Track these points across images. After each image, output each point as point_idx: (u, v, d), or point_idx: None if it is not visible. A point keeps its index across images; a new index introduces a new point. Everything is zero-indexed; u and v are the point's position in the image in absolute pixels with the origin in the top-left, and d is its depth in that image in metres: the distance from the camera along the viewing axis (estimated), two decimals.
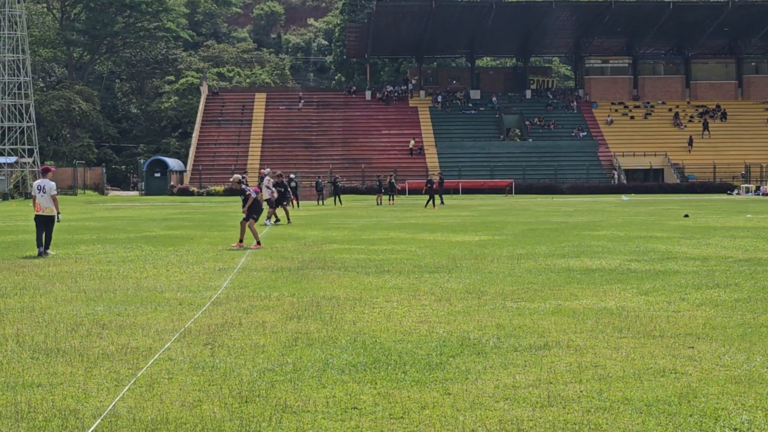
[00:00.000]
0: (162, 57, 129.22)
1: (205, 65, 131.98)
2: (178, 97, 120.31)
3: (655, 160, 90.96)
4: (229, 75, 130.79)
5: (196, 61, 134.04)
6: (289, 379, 8.36)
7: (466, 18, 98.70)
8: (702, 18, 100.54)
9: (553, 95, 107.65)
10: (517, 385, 8.01)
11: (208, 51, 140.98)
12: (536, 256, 20.01)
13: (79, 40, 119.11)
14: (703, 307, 12.41)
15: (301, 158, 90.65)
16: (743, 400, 7.45)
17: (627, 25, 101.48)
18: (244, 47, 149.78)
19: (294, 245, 24.00)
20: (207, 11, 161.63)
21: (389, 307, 12.67)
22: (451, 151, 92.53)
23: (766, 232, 27.47)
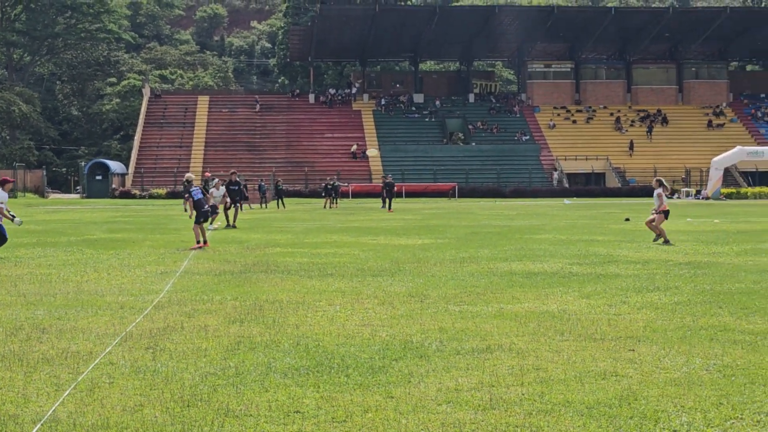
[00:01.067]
0: (103, 59, 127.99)
1: (148, 67, 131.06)
2: (120, 100, 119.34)
3: (596, 164, 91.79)
4: (171, 77, 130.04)
5: (138, 63, 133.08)
6: (231, 383, 8.31)
7: (410, 22, 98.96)
8: (643, 24, 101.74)
9: (496, 99, 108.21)
10: (460, 388, 8.03)
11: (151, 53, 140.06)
12: (479, 260, 20.09)
13: (19, 41, 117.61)
14: (644, 310, 12.53)
15: (244, 161, 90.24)
16: (682, 402, 7.53)
17: (569, 30, 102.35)
18: (186, 49, 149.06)
19: (237, 248, 23.89)
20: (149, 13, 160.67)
21: (332, 311, 12.65)
22: (394, 154, 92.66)
23: (705, 236, 27.82)
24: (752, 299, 13.52)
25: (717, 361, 9.12)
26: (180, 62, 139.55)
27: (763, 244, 24.20)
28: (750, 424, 6.96)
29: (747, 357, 9.30)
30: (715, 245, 24.05)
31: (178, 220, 41.41)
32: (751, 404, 7.46)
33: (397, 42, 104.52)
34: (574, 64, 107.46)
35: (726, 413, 7.22)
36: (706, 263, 19.07)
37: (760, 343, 10.05)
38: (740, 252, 21.80)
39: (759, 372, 8.59)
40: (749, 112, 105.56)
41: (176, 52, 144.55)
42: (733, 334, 10.64)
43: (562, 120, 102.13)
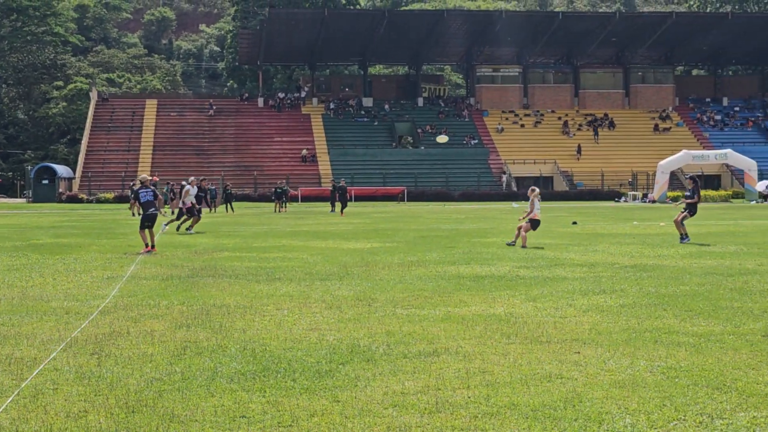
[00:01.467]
0: (50, 62, 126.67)
1: (95, 71, 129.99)
2: (67, 103, 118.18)
3: (544, 168, 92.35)
4: (119, 81, 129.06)
5: (85, 66, 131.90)
6: (177, 388, 8.27)
7: (359, 26, 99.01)
8: (590, 28, 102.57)
9: (445, 103, 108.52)
10: (406, 392, 8.04)
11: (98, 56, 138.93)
12: (427, 263, 20.14)
13: None
14: (590, 313, 12.63)
15: (192, 165, 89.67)
16: (626, 404, 7.59)
17: (517, 34, 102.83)
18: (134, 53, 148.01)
19: (184, 253, 23.75)
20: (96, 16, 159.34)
21: (279, 315, 12.62)
22: (343, 158, 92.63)
23: (651, 239, 28.09)
24: (696, 301, 13.67)
25: (661, 362, 9.22)
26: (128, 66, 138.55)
27: (707, 247, 24.49)
28: (693, 425, 7.04)
29: (690, 359, 9.41)
30: (661, 248, 24.29)
31: (125, 224, 41.10)
32: (693, 405, 7.55)
33: (346, 46, 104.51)
34: (522, 69, 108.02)
35: (669, 415, 7.29)
36: (652, 266, 19.25)
37: (704, 345, 10.16)
38: (685, 255, 22.04)
39: (702, 373, 8.69)
40: (695, 117, 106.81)
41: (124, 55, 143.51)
42: (677, 336, 10.76)
43: (511, 124, 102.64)
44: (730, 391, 8.01)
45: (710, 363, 9.19)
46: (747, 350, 9.87)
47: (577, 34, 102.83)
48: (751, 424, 7.06)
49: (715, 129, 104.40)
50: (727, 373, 8.70)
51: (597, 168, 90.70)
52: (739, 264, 19.39)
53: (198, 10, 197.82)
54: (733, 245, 24.95)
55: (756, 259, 20.53)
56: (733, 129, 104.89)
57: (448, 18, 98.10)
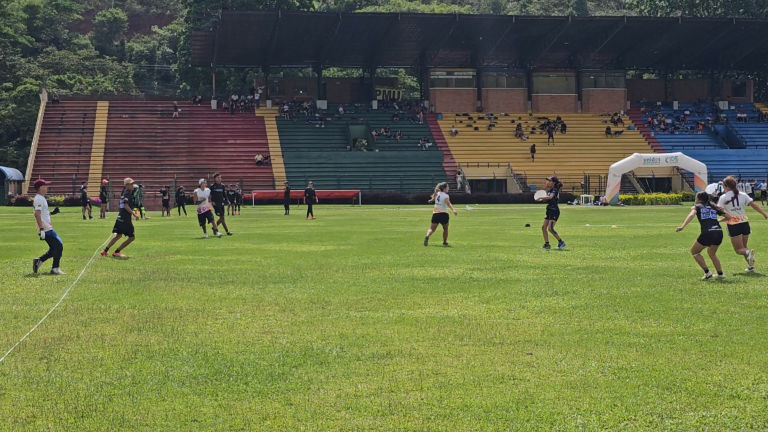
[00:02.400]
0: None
1: (45, 72, 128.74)
2: (16, 105, 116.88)
3: (498, 171, 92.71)
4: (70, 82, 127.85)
5: (35, 67, 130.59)
6: (127, 392, 8.20)
7: (313, 28, 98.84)
8: (543, 32, 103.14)
9: (399, 106, 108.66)
10: (359, 394, 8.03)
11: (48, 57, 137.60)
12: (381, 266, 20.14)
13: None
14: (542, 315, 12.69)
15: (145, 168, 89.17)
16: (578, 405, 7.63)
17: (471, 37, 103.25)
18: (85, 54, 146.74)
19: (136, 256, 23.59)
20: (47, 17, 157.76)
21: (232, 318, 12.57)
22: (297, 161, 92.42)
23: (603, 241, 28.29)
24: (647, 303, 13.79)
25: (612, 363, 9.28)
26: (79, 67, 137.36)
27: (658, 249, 24.70)
28: (643, 425, 7.09)
29: (641, 359, 9.48)
30: (613, 250, 24.47)
31: (75, 227, 40.77)
32: (644, 405, 7.60)
33: (300, 48, 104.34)
34: (475, 72, 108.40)
35: (620, 415, 7.34)
36: (604, 268, 19.39)
37: (654, 346, 10.24)
38: (636, 257, 22.21)
39: (652, 374, 8.76)
40: (646, 120, 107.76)
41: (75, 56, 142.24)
42: (628, 337, 10.83)
43: (465, 127, 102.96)
44: (679, 391, 8.07)
45: (660, 363, 9.26)
46: (696, 350, 9.96)
47: (530, 37, 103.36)
48: (701, 423, 7.13)
49: (666, 132, 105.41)
50: (677, 373, 8.77)
51: (550, 171, 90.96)
52: (689, 266, 19.57)
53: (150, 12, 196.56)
54: (684, 247, 25.17)
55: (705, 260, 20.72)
56: (683, 132, 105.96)
57: (401, 21, 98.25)
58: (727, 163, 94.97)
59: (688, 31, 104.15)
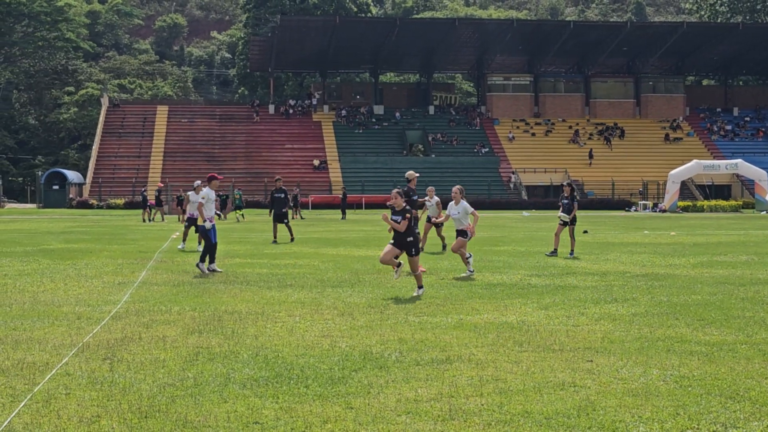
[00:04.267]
0: (61, 67, 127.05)
1: (106, 77, 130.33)
2: (78, 109, 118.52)
3: (555, 177, 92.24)
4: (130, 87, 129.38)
5: (96, 72, 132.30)
6: (189, 393, 8.27)
7: (370, 33, 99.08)
8: (601, 38, 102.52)
9: (456, 111, 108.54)
10: (419, 399, 8.04)
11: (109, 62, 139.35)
12: (438, 271, 20.13)
13: None
14: (602, 322, 12.60)
15: (203, 172, 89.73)
16: (640, 413, 7.58)
17: (528, 43, 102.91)
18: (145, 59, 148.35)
19: (196, 259, 23.77)
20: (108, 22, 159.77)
21: (291, 322, 12.62)
22: (354, 166, 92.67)
23: (662, 248, 28.05)
24: (708, 311, 13.65)
25: (674, 371, 9.20)
26: (139, 72, 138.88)
27: (718, 257, 24.44)
28: None
29: (703, 368, 9.39)
30: (672, 257, 24.25)
31: (135, 230, 41.21)
32: (707, 414, 7.53)
33: (357, 53, 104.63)
34: (533, 77, 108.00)
35: (683, 423, 7.28)
36: (663, 275, 19.22)
37: (716, 354, 10.14)
38: (696, 264, 21.99)
39: (715, 383, 8.67)
40: (705, 126, 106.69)
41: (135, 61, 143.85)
42: (690, 345, 10.73)
43: (521, 132, 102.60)
44: (743, 401, 7.99)
45: (723, 372, 9.17)
46: (760, 359, 9.85)
47: (588, 43, 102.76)
48: None
49: (726, 139, 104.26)
50: (740, 383, 8.68)
51: (608, 177, 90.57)
52: (751, 274, 19.35)
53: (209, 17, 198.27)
54: (745, 255, 24.89)
55: (767, 269, 20.49)
56: (743, 139, 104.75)
57: (459, 27, 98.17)
58: None
59: (749, 36, 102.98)
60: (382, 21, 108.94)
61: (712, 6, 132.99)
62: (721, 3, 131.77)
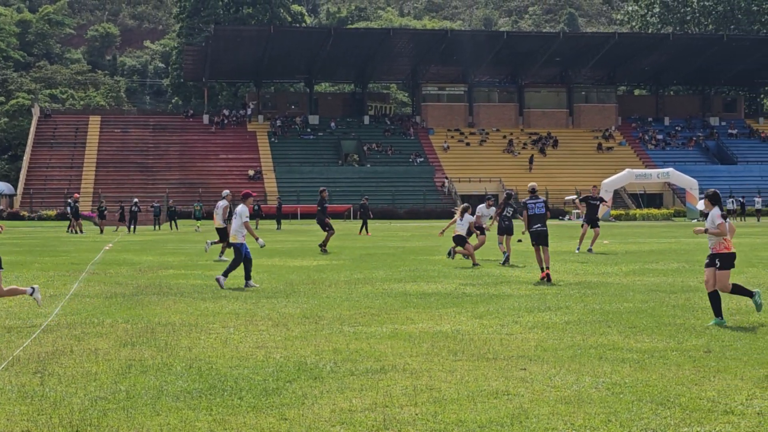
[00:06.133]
0: None
1: (37, 86, 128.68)
2: (8, 119, 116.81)
3: (489, 186, 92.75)
4: (62, 97, 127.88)
5: (27, 82, 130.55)
6: (122, 407, 8.19)
7: (305, 43, 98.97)
8: (535, 48, 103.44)
9: (391, 121, 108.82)
10: (354, 409, 8.03)
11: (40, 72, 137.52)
12: (373, 281, 20.15)
13: None
14: (535, 330, 12.69)
15: (137, 182, 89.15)
16: (572, 420, 7.64)
17: (463, 53, 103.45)
18: (78, 69, 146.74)
19: (128, 271, 23.55)
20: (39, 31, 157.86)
21: (225, 333, 12.56)
22: (289, 176, 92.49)
23: (595, 257, 28.33)
24: (640, 318, 13.80)
25: (606, 379, 9.29)
26: (71, 81, 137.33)
27: (650, 265, 24.74)
28: None
29: (634, 375, 9.49)
30: (605, 266, 24.50)
31: (67, 242, 40.72)
32: (638, 421, 7.62)
33: (292, 63, 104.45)
34: (467, 87, 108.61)
35: (614, 430, 7.36)
36: (596, 283, 19.41)
37: (647, 361, 10.26)
38: (629, 272, 22.24)
39: (646, 389, 8.77)
40: (637, 136, 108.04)
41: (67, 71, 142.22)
42: (622, 353, 10.85)
43: (456, 142, 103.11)
44: (673, 407, 8.09)
45: (654, 379, 9.28)
46: (690, 366, 9.98)
47: (521, 53, 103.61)
48: None
49: (657, 148, 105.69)
50: (671, 389, 8.79)
51: (541, 186, 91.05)
52: (682, 281, 19.62)
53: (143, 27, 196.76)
54: (676, 263, 25.24)
55: (698, 276, 20.77)
56: (674, 148, 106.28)
57: (393, 36, 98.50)
58: (718, 179, 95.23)
59: (680, 47, 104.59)
60: (316, 31, 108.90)
61: (643, 17, 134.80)
62: (652, 14, 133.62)
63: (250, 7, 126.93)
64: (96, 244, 38.05)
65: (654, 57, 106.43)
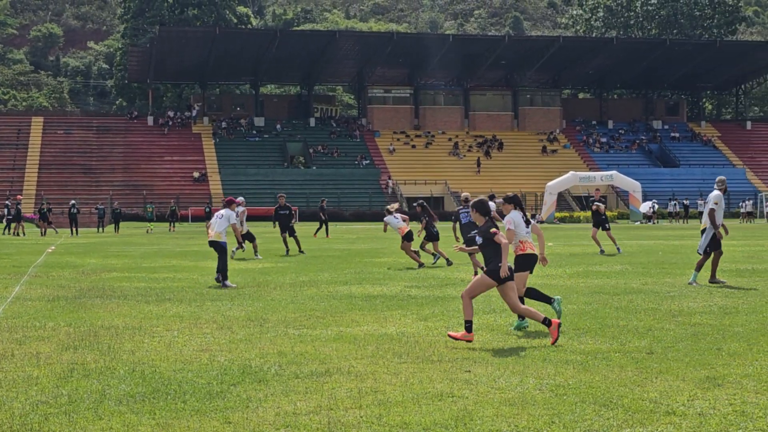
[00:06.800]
0: None
1: None
2: None
3: (435, 188, 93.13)
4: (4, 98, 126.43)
5: None
6: (63, 411, 8.09)
7: (250, 45, 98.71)
8: (480, 51, 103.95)
9: (337, 123, 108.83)
10: (298, 412, 8.01)
11: None
12: (319, 283, 20.12)
13: None
14: (480, 332, 12.72)
15: (80, 184, 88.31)
16: (516, 422, 7.67)
17: (409, 56, 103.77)
18: (20, 69, 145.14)
19: (71, 273, 23.31)
20: None
21: (169, 336, 12.47)
22: (234, 178, 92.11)
23: None
24: (583, 320, 13.89)
25: (549, 380, 9.33)
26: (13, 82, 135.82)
27: (594, 267, 24.93)
28: None
29: (578, 376, 9.55)
30: (549, 268, 24.62)
31: (9, 244, 40.24)
32: (581, 422, 7.66)
33: (237, 65, 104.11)
34: (413, 90, 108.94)
35: (558, 431, 7.39)
36: (540, 285, 19.45)
37: (591, 363, 10.32)
38: (573, 274, 22.40)
39: (589, 391, 8.83)
40: (581, 139, 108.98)
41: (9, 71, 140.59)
42: (565, 354, 10.91)
43: (402, 144, 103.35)
44: (616, 408, 8.15)
45: (597, 380, 9.34)
46: (632, 367, 10.06)
47: (467, 56, 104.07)
48: None
49: (601, 151, 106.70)
50: (614, 390, 8.85)
51: (487, 189, 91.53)
52: (625, 283, 19.78)
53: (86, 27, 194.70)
54: (619, 265, 25.45)
55: (640, 278, 20.98)
56: (618, 151, 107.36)
57: (339, 39, 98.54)
58: (661, 181, 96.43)
59: (623, 51, 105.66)
60: (262, 33, 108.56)
61: (587, 21, 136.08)
62: (596, 18, 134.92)
63: (195, 8, 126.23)
64: (38, 247, 37.63)
65: (598, 61, 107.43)
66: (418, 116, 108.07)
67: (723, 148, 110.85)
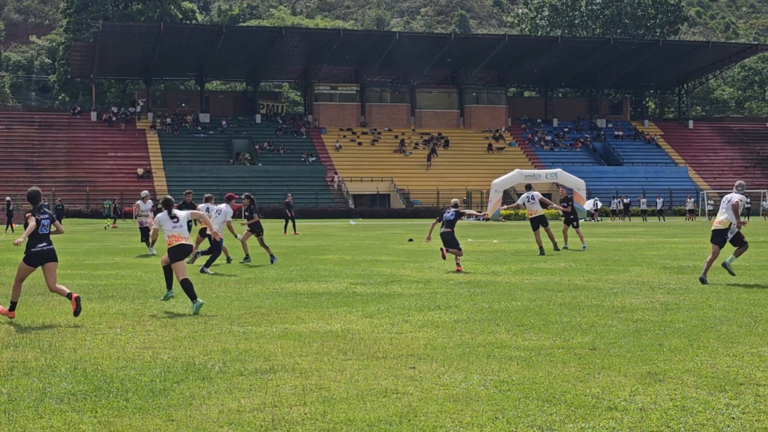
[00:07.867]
0: None
1: None
2: None
3: (381, 186, 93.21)
4: None
5: None
6: (3, 410, 7.99)
7: (196, 41, 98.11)
8: (426, 49, 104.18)
9: (283, 120, 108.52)
10: (242, 410, 7.97)
11: None
12: (264, 280, 20.05)
13: None
14: (425, 329, 12.75)
15: (21, 180, 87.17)
16: (460, 418, 7.69)
17: (355, 53, 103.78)
18: None
19: (11, 270, 23.00)
20: None
21: (112, 334, 12.36)
22: (179, 174, 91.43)
23: (485, 256, 28.61)
24: (527, 316, 13.97)
25: (493, 376, 9.37)
26: None
27: (538, 264, 25.07)
28: None
29: (522, 372, 9.60)
30: (494, 265, 24.77)
31: None
32: (525, 418, 7.70)
33: (182, 61, 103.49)
34: (359, 87, 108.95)
35: (501, 427, 7.42)
36: (485, 282, 19.59)
37: (534, 359, 10.38)
38: (517, 271, 22.51)
39: (533, 387, 8.88)
40: (526, 137, 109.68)
41: None
42: (509, 351, 10.96)
43: (348, 142, 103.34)
44: (559, 404, 8.20)
45: (540, 376, 9.39)
46: (575, 363, 10.13)
47: (413, 54, 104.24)
48: None
49: (546, 149, 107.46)
50: (557, 386, 8.91)
51: (433, 186, 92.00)
52: (568, 280, 19.92)
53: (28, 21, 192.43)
54: (563, 262, 25.63)
55: (584, 275, 21.14)
56: (563, 149, 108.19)
57: (285, 35, 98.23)
58: (605, 179, 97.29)
59: (568, 50, 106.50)
60: (207, 28, 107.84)
61: (532, 20, 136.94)
62: (542, 17, 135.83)
63: (139, 3, 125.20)
64: None
65: (543, 60, 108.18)
66: (365, 113, 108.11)
67: (665, 146, 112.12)
